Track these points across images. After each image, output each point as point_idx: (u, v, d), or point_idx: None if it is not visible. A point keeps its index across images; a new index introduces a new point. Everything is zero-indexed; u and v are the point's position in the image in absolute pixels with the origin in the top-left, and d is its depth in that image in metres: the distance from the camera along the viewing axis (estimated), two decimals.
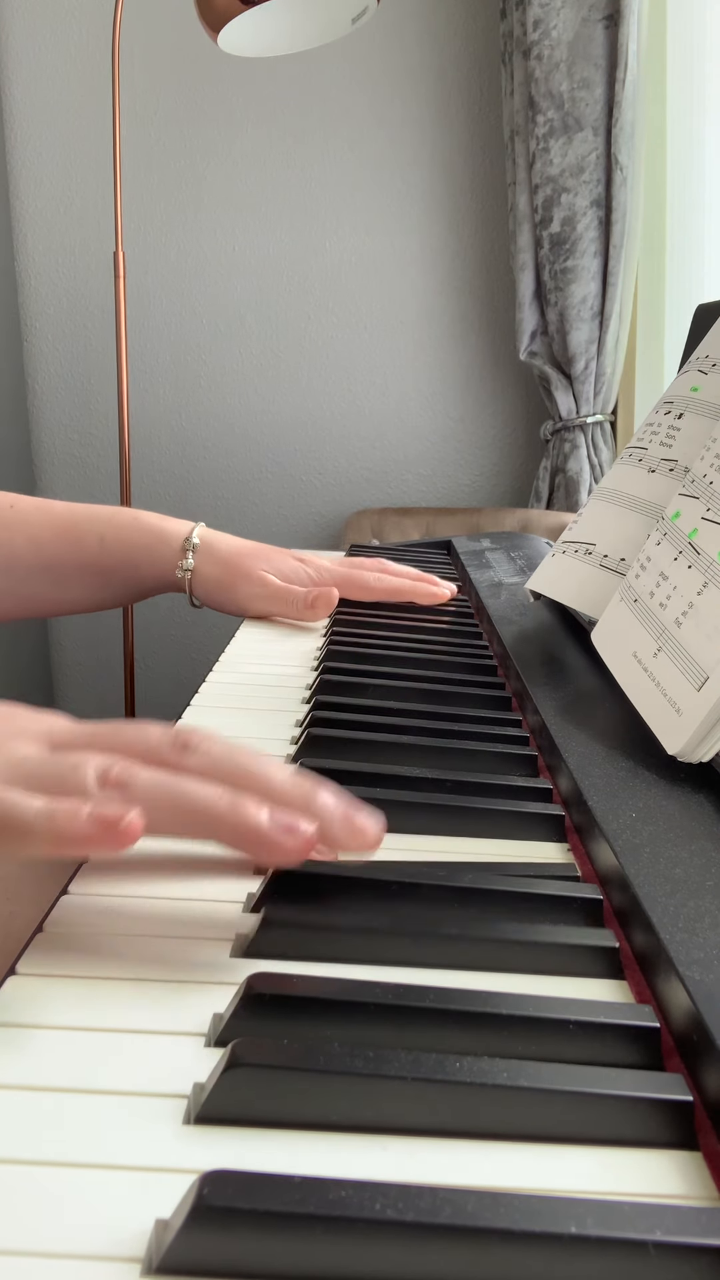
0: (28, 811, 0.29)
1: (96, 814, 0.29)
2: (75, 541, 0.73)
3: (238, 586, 0.73)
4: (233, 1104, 0.23)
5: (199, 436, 1.96)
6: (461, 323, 1.89)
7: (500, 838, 0.39)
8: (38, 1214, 0.21)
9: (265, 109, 1.83)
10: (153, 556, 0.73)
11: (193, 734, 0.34)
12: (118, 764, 0.32)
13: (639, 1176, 0.23)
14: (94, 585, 0.75)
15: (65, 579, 0.74)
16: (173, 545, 0.73)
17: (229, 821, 0.31)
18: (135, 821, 0.29)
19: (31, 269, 1.90)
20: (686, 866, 0.32)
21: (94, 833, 0.28)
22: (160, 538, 0.74)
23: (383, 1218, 0.19)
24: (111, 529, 0.73)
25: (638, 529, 0.58)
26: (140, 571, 0.74)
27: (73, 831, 0.29)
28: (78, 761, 0.32)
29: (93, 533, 0.73)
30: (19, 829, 0.29)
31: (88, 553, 0.73)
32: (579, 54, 1.55)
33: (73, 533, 0.73)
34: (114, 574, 0.74)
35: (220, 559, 0.73)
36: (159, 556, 0.73)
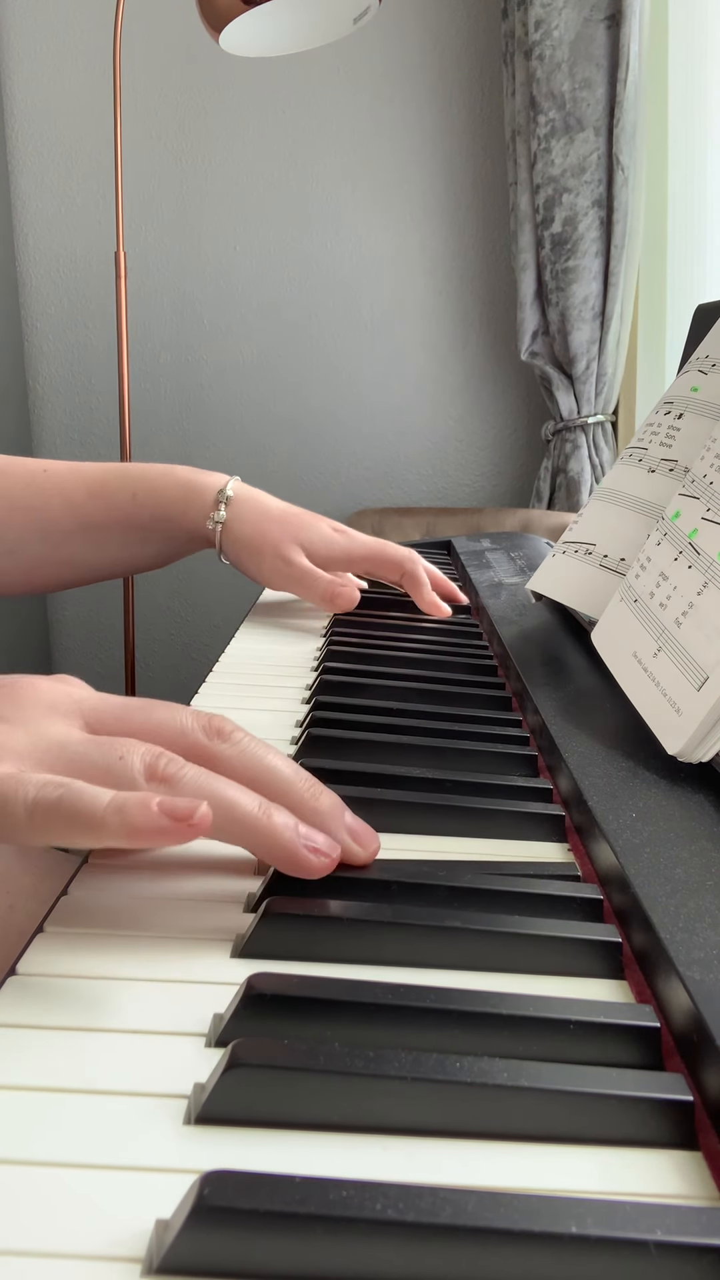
0: (98, 805, 0.29)
1: (168, 807, 0.29)
2: (108, 499, 0.72)
3: (264, 556, 0.72)
4: (233, 1104, 0.23)
5: (199, 436, 1.96)
6: (462, 322, 1.89)
7: (500, 838, 0.39)
8: (38, 1214, 0.21)
9: (267, 109, 1.83)
10: (186, 508, 0.72)
11: (223, 721, 0.35)
12: (163, 757, 0.32)
13: (639, 1176, 0.23)
14: (132, 543, 0.74)
15: (103, 539, 0.73)
16: (205, 497, 0.72)
17: (262, 834, 0.32)
18: (206, 814, 0.29)
19: (32, 269, 1.90)
20: (687, 866, 0.32)
21: (167, 826, 0.29)
22: (192, 489, 0.72)
23: (383, 1218, 0.19)
24: (143, 484, 0.72)
25: (638, 529, 0.58)
26: (174, 525, 0.73)
27: (145, 824, 0.29)
28: (123, 752, 0.32)
29: (125, 489, 0.72)
30: (89, 823, 0.29)
31: (121, 510, 0.72)
32: (580, 54, 1.55)
33: (105, 490, 0.72)
34: (149, 530, 0.73)
35: (252, 519, 0.72)
36: (191, 508, 0.72)
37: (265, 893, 0.33)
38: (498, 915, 0.31)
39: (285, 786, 0.34)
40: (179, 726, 0.34)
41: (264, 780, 0.34)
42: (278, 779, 0.34)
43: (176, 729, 0.34)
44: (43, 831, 0.30)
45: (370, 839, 0.34)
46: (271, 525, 0.72)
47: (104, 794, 0.30)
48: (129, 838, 0.29)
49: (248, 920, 0.32)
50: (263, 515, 0.72)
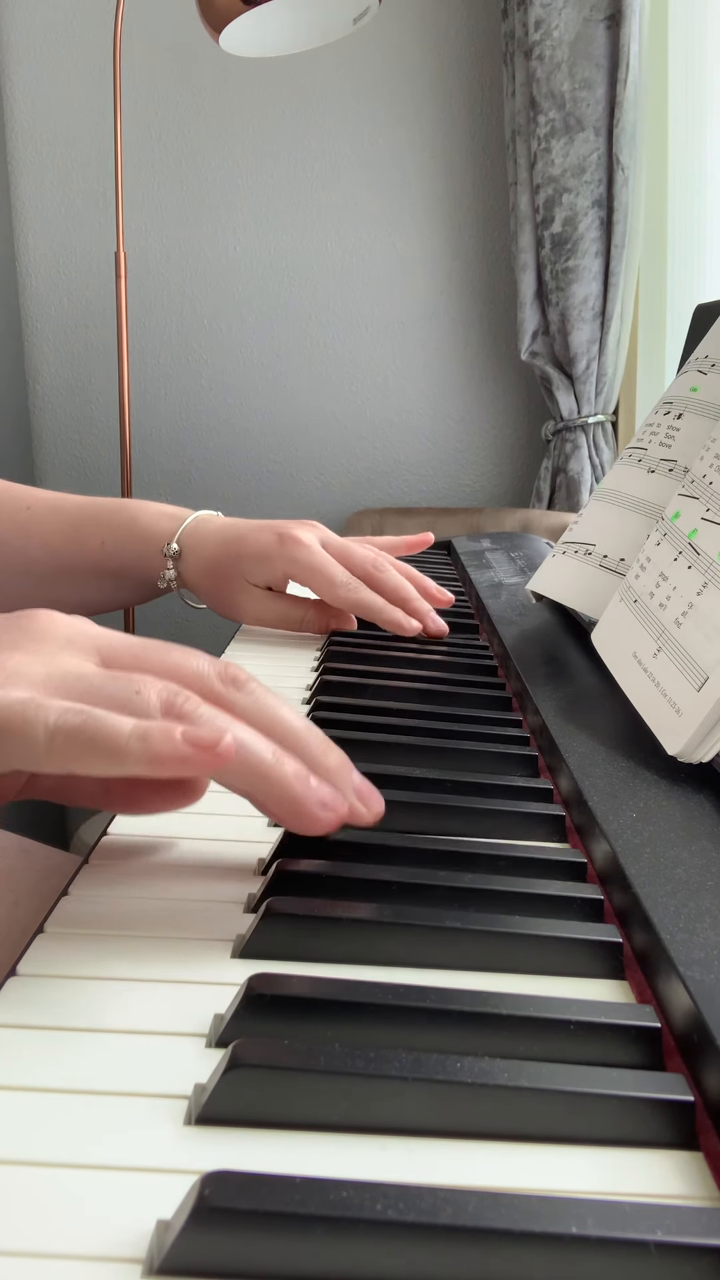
0: (120, 731, 0.29)
1: (191, 735, 0.29)
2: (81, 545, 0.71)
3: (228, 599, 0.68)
4: (234, 1105, 0.23)
5: (200, 436, 1.96)
6: (462, 323, 1.89)
7: (500, 838, 0.39)
8: (38, 1215, 0.21)
9: (267, 109, 1.83)
10: (145, 563, 0.70)
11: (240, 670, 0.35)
12: (180, 694, 0.32)
13: (640, 1176, 0.23)
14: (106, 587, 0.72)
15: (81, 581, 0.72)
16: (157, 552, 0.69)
17: (274, 781, 0.32)
18: (230, 745, 0.29)
19: (32, 269, 1.90)
20: (687, 866, 0.32)
21: (191, 754, 0.29)
22: (149, 544, 0.70)
23: (383, 1218, 0.19)
24: (109, 532, 0.71)
25: (638, 529, 0.58)
26: (141, 576, 0.71)
27: (169, 752, 0.29)
28: (140, 686, 0.32)
29: (95, 535, 0.71)
30: (112, 749, 0.29)
31: (93, 557, 0.71)
32: (580, 54, 1.55)
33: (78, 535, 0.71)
34: (120, 577, 0.71)
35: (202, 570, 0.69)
36: (149, 564, 0.70)
37: (265, 893, 0.33)
38: (498, 915, 0.31)
39: (297, 739, 0.34)
40: (195, 669, 0.34)
41: (276, 730, 0.33)
42: (290, 731, 0.34)
43: (192, 671, 0.34)
44: (63, 756, 0.29)
45: (375, 800, 0.34)
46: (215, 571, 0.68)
47: (126, 722, 0.29)
48: (150, 765, 0.29)
49: (248, 920, 0.32)
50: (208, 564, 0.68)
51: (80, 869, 0.35)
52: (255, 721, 0.33)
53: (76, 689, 0.32)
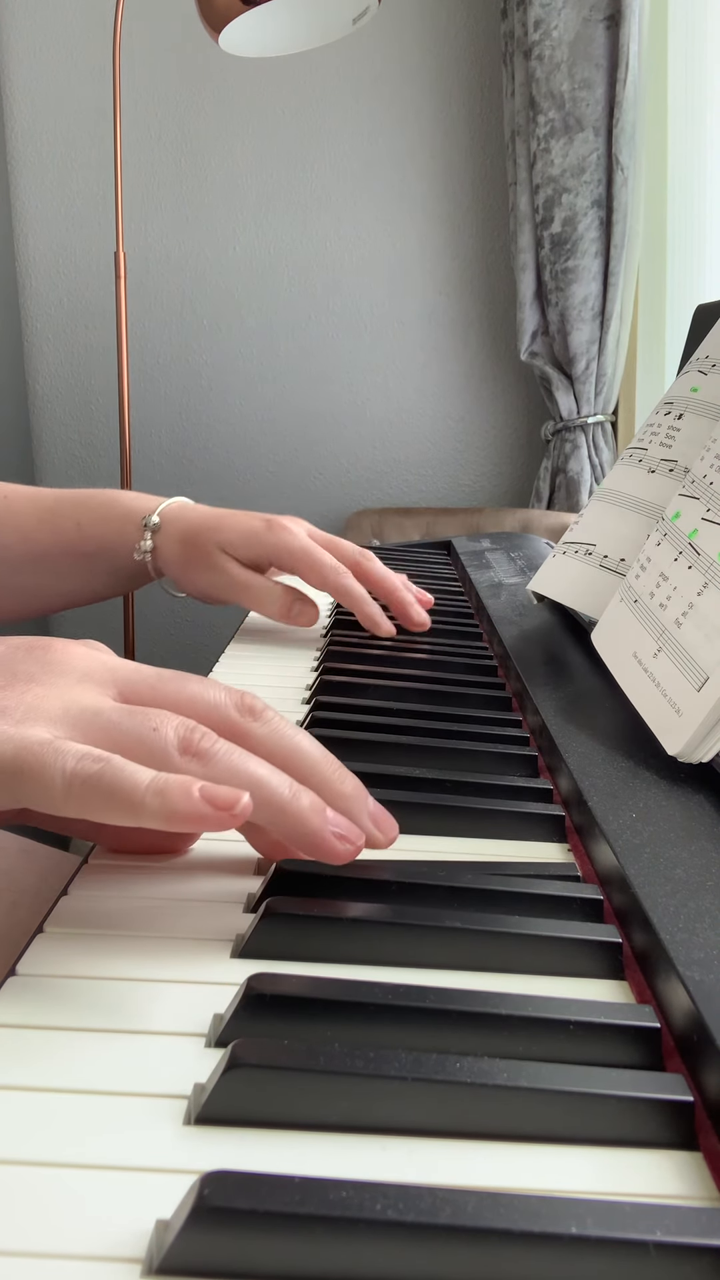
0: (138, 784, 0.29)
1: (209, 794, 0.29)
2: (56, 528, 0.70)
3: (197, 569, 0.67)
4: (233, 1105, 0.23)
5: (199, 437, 1.96)
6: (462, 323, 1.89)
7: (500, 838, 0.39)
8: (38, 1215, 0.21)
9: (266, 109, 1.83)
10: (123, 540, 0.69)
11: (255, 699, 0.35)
12: (196, 730, 0.32)
13: (639, 1177, 0.23)
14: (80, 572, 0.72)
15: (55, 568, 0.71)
16: (136, 525, 0.68)
17: (290, 816, 0.32)
18: (248, 805, 0.29)
19: (32, 269, 1.90)
20: (687, 866, 0.32)
21: (208, 813, 0.28)
22: (128, 519, 0.69)
23: (383, 1218, 0.19)
24: (87, 512, 0.70)
25: (638, 529, 0.58)
26: (116, 555, 0.70)
27: (186, 810, 0.28)
28: (157, 723, 0.31)
29: (71, 517, 0.70)
30: (129, 801, 0.29)
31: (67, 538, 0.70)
32: (580, 54, 1.55)
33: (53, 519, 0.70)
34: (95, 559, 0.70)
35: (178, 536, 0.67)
36: (126, 539, 0.69)
37: (265, 893, 0.33)
38: (498, 915, 0.31)
39: (313, 768, 0.34)
40: (212, 701, 0.34)
41: (293, 760, 0.34)
42: (306, 760, 0.34)
43: (209, 703, 0.34)
44: (79, 804, 0.29)
45: (390, 826, 0.35)
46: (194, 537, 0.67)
47: (145, 773, 0.29)
48: (167, 821, 0.28)
49: (248, 920, 0.32)
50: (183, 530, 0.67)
51: (80, 869, 0.35)
52: (273, 752, 0.34)
53: (94, 726, 0.31)
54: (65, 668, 0.34)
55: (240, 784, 0.31)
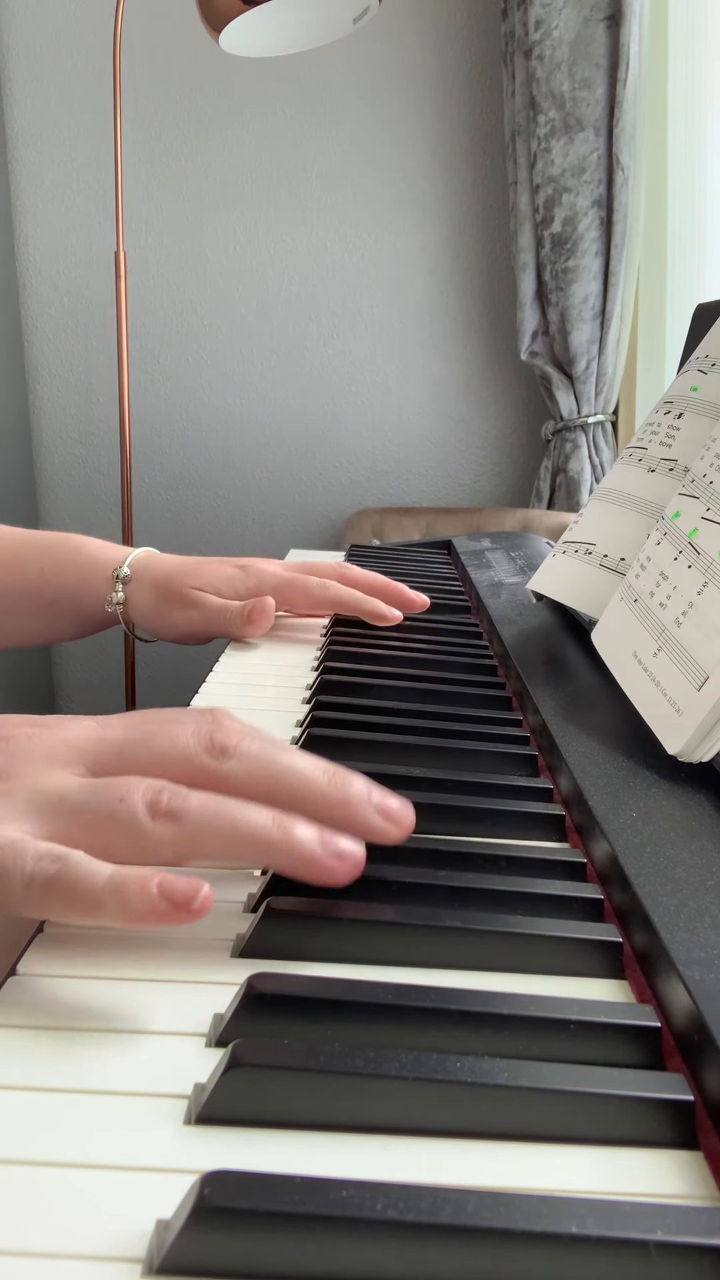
0: (95, 883, 0.28)
1: (167, 890, 0.28)
2: (18, 572, 0.70)
3: (172, 612, 0.68)
4: (233, 1104, 0.23)
5: (200, 436, 1.96)
6: (462, 322, 1.89)
7: (501, 838, 0.39)
8: (38, 1215, 0.21)
9: (266, 109, 1.83)
10: (89, 590, 0.69)
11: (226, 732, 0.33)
12: (165, 790, 0.31)
13: (640, 1176, 0.23)
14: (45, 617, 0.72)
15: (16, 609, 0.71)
16: (104, 578, 0.69)
17: (282, 850, 0.31)
18: (208, 897, 0.28)
19: (32, 269, 1.90)
20: (687, 866, 0.32)
21: (165, 910, 0.28)
22: (95, 570, 0.70)
23: (383, 1218, 0.19)
24: (51, 559, 0.70)
25: (638, 529, 0.58)
26: (81, 605, 0.70)
27: (143, 908, 0.28)
28: (124, 792, 0.31)
29: (34, 562, 0.70)
30: (88, 901, 0.28)
31: (30, 584, 0.70)
32: (580, 54, 1.55)
33: (15, 562, 0.71)
34: (59, 606, 0.71)
35: (150, 584, 0.68)
36: (94, 590, 0.69)
37: (265, 893, 0.33)
38: (498, 915, 0.31)
39: (303, 789, 0.32)
40: (181, 753, 0.33)
41: (279, 788, 0.32)
42: (294, 782, 0.33)
43: (179, 756, 0.33)
44: (39, 908, 0.29)
45: (401, 815, 0.33)
46: (168, 582, 0.68)
47: (102, 871, 0.28)
48: (126, 921, 0.28)
49: (248, 920, 0.32)
50: (155, 578, 0.68)
51: None
52: (254, 787, 0.32)
53: (63, 811, 0.31)
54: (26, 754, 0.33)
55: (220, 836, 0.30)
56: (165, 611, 0.68)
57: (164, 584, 0.68)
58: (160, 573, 0.69)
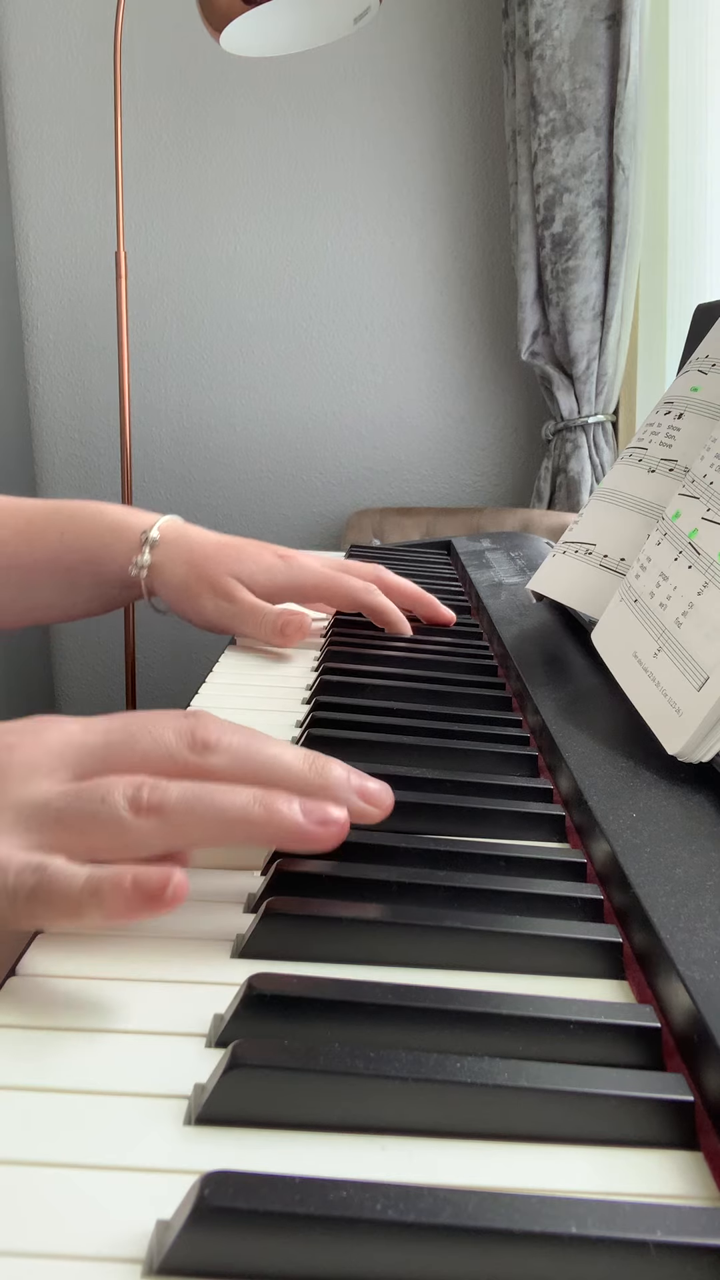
0: (73, 888, 0.29)
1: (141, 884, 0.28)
2: (35, 538, 0.67)
3: (202, 596, 0.64)
4: (233, 1105, 0.23)
5: (200, 436, 1.96)
6: (463, 322, 1.89)
7: (500, 838, 0.39)
8: (38, 1215, 0.21)
9: (267, 109, 1.83)
10: (111, 553, 0.66)
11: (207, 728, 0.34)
12: (145, 785, 0.31)
13: (639, 1176, 0.23)
14: (61, 587, 0.69)
15: (31, 581, 0.68)
16: (130, 540, 0.66)
17: (266, 826, 0.31)
18: (181, 883, 0.28)
19: (33, 269, 1.90)
20: (687, 866, 0.32)
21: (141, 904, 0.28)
22: (118, 532, 0.66)
23: (383, 1218, 0.19)
24: (71, 524, 0.67)
25: (638, 529, 0.58)
26: (102, 569, 0.67)
27: (121, 905, 0.28)
28: (104, 793, 0.31)
29: (53, 528, 0.67)
30: (68, 906, 0.29)
31: (48, 550, 0.67)
32: (581, 54, 1.55)
33: (32, 529, 0.67)
34: (77, 572, 0.67)
35: (181, 558, 0.65)
36: (117, 553, 0.66)
37: (265, 893, 0.33)
38: (498, 915, 0.31)
39: (286, 774, 0.33)
40: (165, 751, 0.33)
41: (262, 777, 0.33)
42: (277, 769, 0.33)
43: (163, 754, 0.33)
44: (26, 917, 0.29)
45: (380, 797, 0.34)
46: (204, 563, 0.65)
47: (78, 875, 0.29)
48: (107, 919, 0.28)
49: (248, 920, 0.32)
50: (191, 553, 0.65)
51: None
52: (238, 778, 0.33)
53: (47, 819, 0.31)
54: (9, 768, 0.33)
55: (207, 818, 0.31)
56: (196, 594, 0.65)
57: (200, 563, 0.65)
58: (197, 549, 0.65)
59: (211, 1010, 0.27)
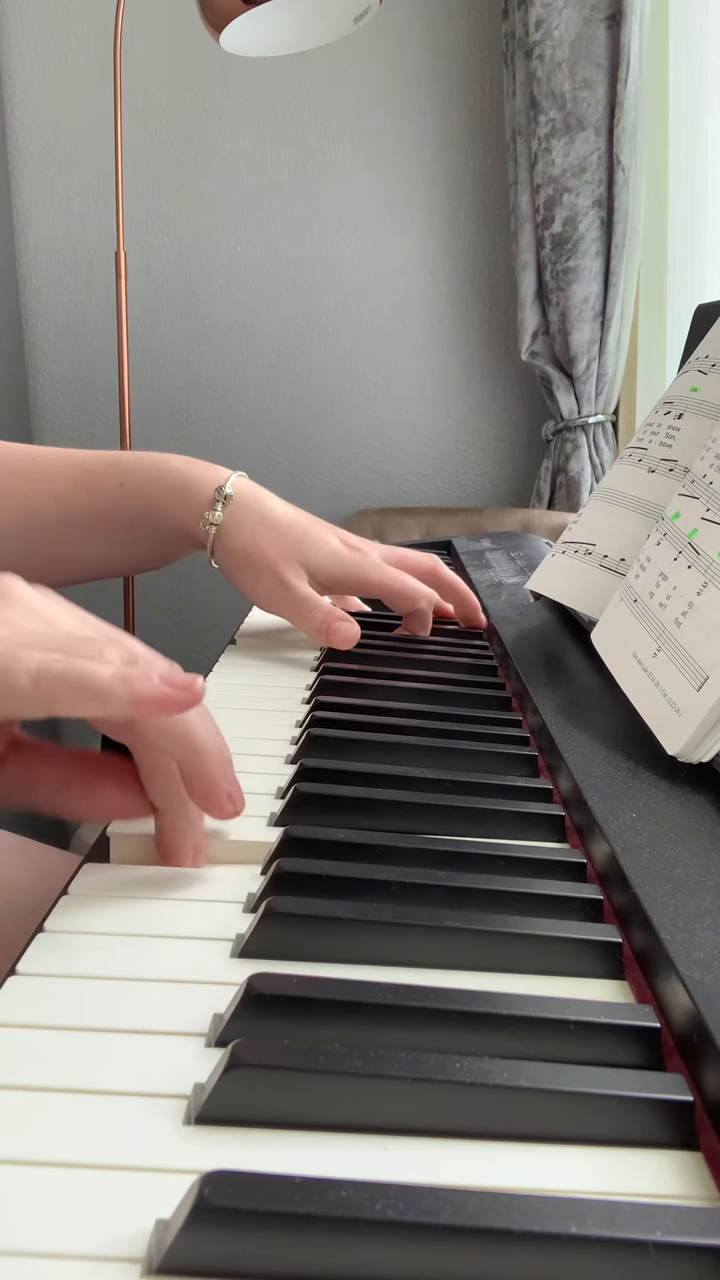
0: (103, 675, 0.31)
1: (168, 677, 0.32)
2: (93, 489, 0.65)
3: (260, 572, 0.63)
4: (233, 1104, 0.23)
5: (199, 436, 1.96)
6: (463, 322, 1.89)
7: (500, 838, 0.39)
8: (37, 1214, 0.21)
9: (267, 109, 1.83)
10: (178, 505, 0.64)
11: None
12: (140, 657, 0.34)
13: (639, 1176, 0.23)
14: (120, 540, 0.66)
15: (88, 534, 0.65)
16: (201, 494, 0.63)
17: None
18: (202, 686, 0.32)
19: (33, 269, 1.90)
20: (686, 866, 0.32)
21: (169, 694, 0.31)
22: (187, 483, 0.64)
23: (383, 1218, 0.19)
24: (133, 474, 0.64)
25: (638, 529, 0.58)
26: (164, 522, 0.64)
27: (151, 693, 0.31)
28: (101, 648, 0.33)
29: (113, 478, 0.64)
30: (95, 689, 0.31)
31: (107, 501, 0.64)
32: (581, 54, 1.55)
33: (91, 480, 0.65)
34: (137, 525, 0.65)
35: (250, 526, 0.63)
36: (184, 505, 0.64)
37: (265, 893, 0.33)
38: (498, 915, 0.31)
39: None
40: None
41: None
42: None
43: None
44: (48, 698, 0.31)
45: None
46: (273, 537, 0.63)
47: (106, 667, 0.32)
48: (134, 705, 0.31)
49: (248, 920, 0.32)
50: (263, 523, 0.63)
51: (80, 868, 0.35)
52: None
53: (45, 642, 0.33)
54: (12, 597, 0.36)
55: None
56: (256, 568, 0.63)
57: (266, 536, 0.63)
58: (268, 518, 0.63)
59: (211, 1010, 0.27)
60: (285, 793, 0.42)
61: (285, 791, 0.42)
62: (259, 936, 0.30)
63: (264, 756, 0.46)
